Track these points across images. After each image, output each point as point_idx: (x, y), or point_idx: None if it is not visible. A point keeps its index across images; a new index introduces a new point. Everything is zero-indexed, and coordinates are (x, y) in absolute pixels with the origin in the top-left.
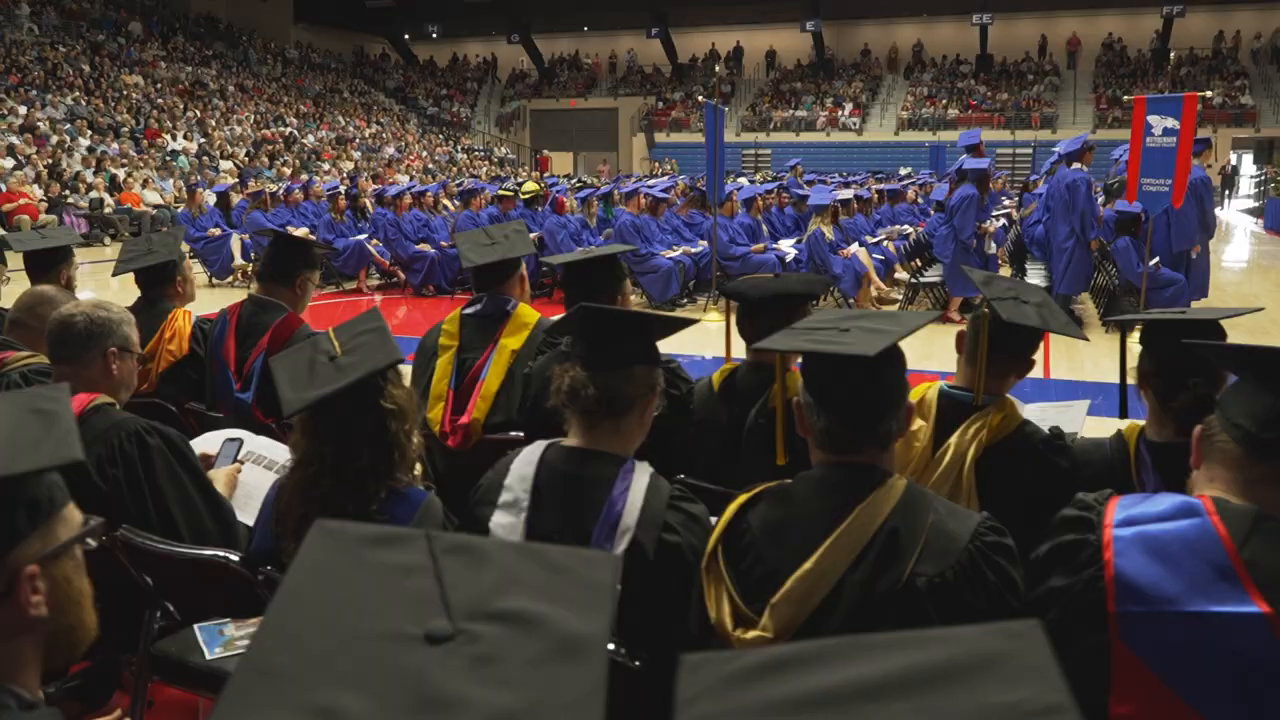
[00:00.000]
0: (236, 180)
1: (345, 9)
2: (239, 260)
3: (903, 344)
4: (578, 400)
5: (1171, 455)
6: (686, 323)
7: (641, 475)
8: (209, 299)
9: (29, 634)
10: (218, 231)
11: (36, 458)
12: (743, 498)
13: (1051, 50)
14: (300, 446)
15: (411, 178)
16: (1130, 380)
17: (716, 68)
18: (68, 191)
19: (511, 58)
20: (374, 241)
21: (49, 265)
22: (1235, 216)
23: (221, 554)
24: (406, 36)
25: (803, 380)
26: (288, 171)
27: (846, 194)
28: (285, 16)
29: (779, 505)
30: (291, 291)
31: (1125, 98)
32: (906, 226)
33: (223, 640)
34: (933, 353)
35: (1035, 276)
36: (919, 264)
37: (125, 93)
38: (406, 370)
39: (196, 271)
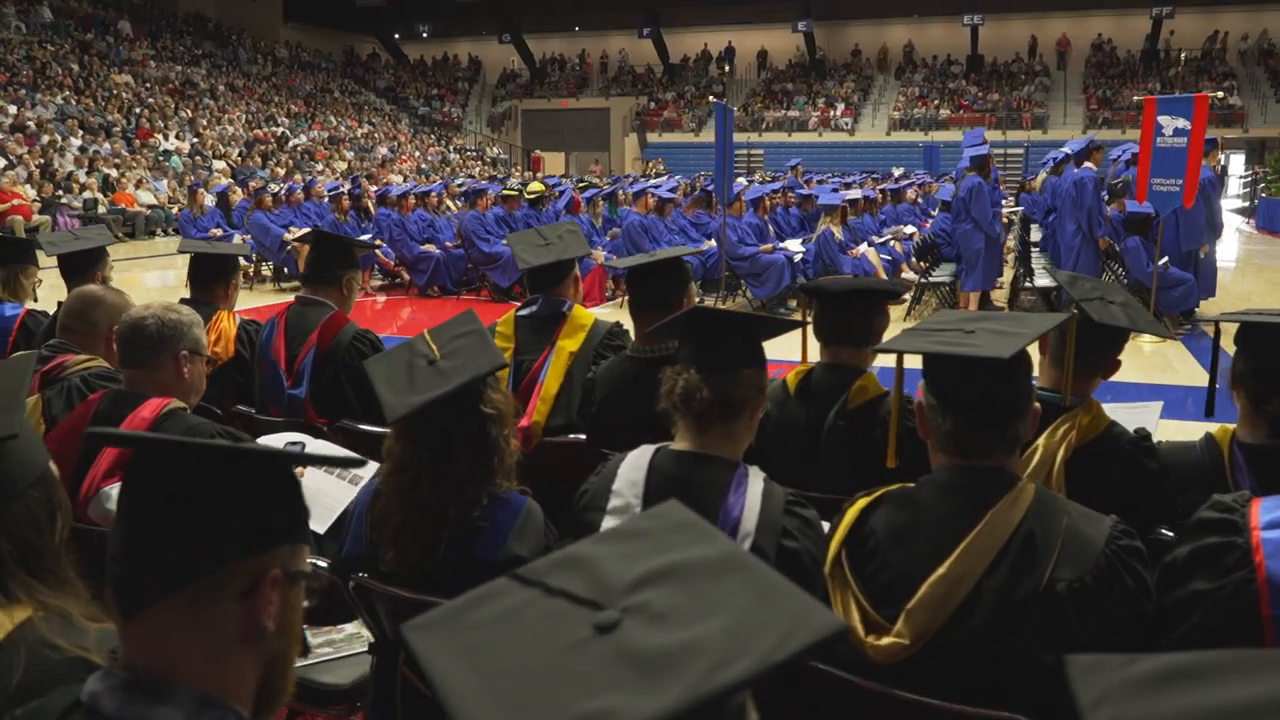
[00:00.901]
0: (231, 180)
1: (335, 8)
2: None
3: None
4: (692, 404)
5: (1266, 457)
6: (794, 325)
7: (756, 480)
8: None
9: (253, 645)
10: (219, 232)
11: (328, 453)
12: (862, 501)
13: (1041, 51)
14: (395, 451)
15: (405, 178)
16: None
17: (725, 67)
18: (61, 192)
19: (502, 57)
20: (378, 242)
21: (84, 267)
22: (1226, 216)
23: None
24: (397, 36)
25: (925, 382)
26: (281, 172)
27: (855, 194)
28: (275, 16)
29: (903, 509)
30: (338, 292)
31: (1136, 98)
32: (909, 227)
33: None
34: None
35: (1043, 276)
36: (926, 264)
37: (115, 92)
38: None
39: None
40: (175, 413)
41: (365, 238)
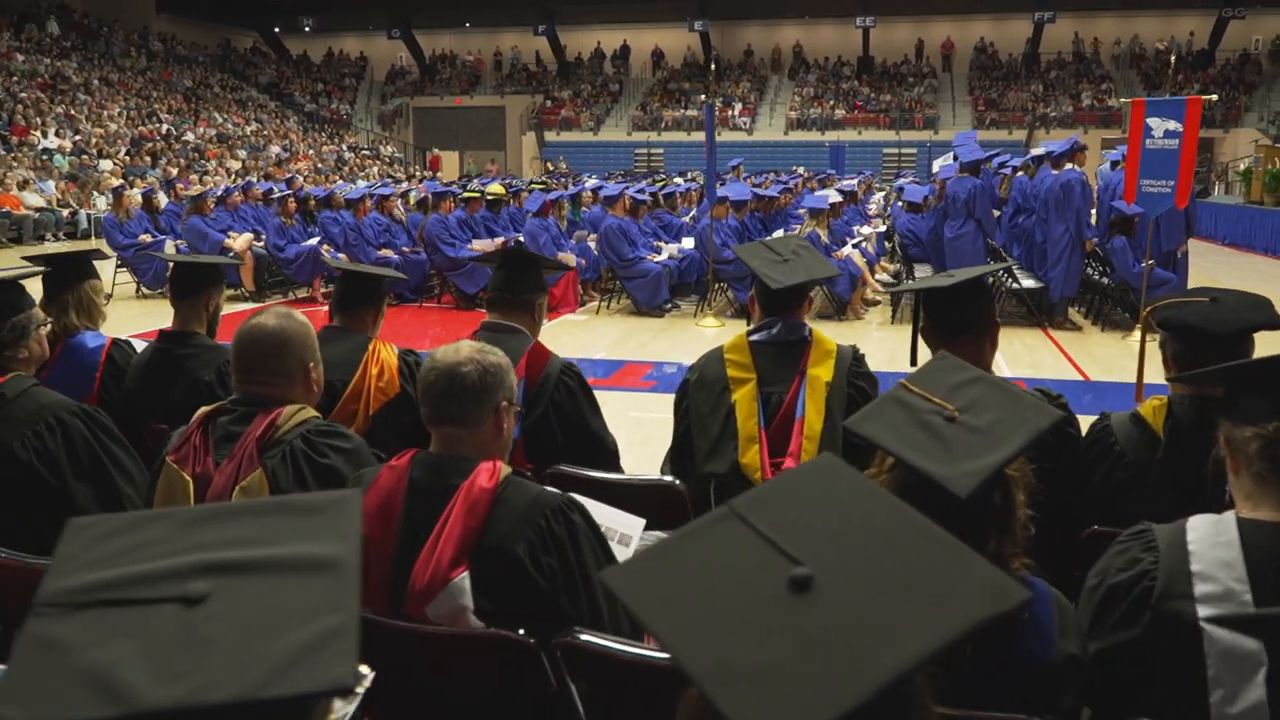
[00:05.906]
0: (123, 179)
1: None
2: None
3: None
4: (1276, 462)
5: None
6: None
7: None
8: (140, 311)
9: None
10: (148, 238)
11: None
12: None
13: (928, 54)
14: None
15: (304, 177)
16: None
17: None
18: None
19: (390, 54)
20: (325, 247)
21: (200, 287)
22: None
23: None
24: (277, 30)
25: None
26: (174, 171)
27: (836, 197)
28: (147, 7)
29: None
30: (529, 317)
31: (1114, 100)
32: (866, 227)
33: None
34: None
35: (1026, 277)
36: (905, 266)
37: None
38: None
39: (126, 281)
40: (513, 481)
41: (312, 242)
